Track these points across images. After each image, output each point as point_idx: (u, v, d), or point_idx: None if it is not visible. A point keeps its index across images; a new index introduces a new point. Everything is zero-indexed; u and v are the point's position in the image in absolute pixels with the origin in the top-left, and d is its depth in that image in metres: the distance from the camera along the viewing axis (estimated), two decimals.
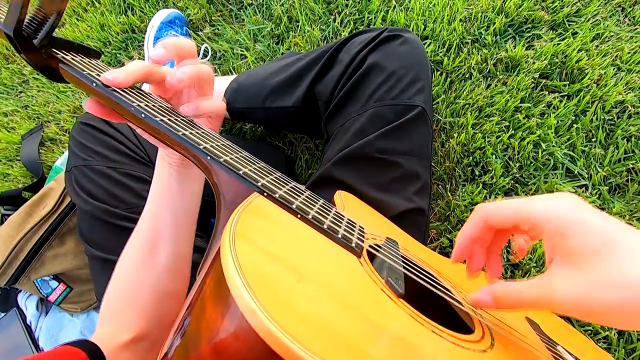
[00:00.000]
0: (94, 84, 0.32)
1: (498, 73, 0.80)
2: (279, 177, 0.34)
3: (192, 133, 0.32)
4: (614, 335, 0.64)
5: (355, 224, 0.36)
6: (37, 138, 1.00)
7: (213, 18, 0.98)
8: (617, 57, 0.78)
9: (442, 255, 0.52)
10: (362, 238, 0.33)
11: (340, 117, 0.61)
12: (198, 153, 0.30)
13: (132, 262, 0.44)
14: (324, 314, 0.19)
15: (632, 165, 0.72)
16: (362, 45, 0.60)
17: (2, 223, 0.83)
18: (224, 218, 0.29)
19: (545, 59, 0.79)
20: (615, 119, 0.75)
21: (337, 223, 0.32)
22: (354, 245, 0.30)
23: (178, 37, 0.39)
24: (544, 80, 0.79)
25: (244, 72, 0.83)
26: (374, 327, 0.21)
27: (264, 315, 0.16)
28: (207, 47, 0.93)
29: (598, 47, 0.80)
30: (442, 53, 0.83)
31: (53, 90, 1.07)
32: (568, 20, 0.82)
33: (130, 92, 0.34)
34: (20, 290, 0.82)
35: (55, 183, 0.78)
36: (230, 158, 0.31)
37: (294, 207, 0.29)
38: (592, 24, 0.81)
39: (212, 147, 0.31)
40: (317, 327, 0.18)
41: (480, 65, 0.81)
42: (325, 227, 0.29)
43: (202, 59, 0.92)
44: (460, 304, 0.34)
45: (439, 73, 0.82)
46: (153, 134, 0.33)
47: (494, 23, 0.82)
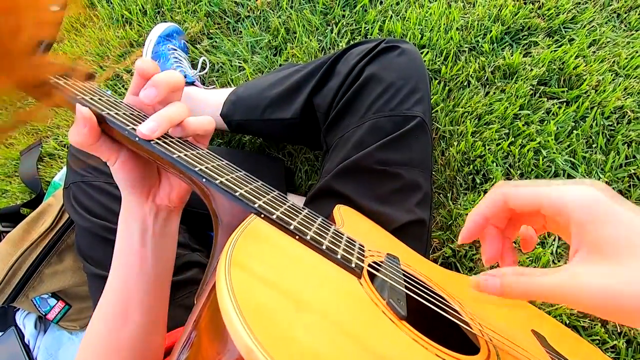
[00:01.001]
0: (80, 101, 0.31)
1: (496, 80, 0.80)
2: (276, 195, 0.34)
3: (186, 155, 0.31)
4: (623, 345, 0.63)
5: (355, 242, 0.35)
6: (35, 154, 1.00)
7: (211, 31, 0.99)
8: (614, 62, 0.78)
9: (444, 269, 0.51)
10: (362, 257, 0.32)
11: (339, 128, 0.61)
12: (194, 176, 0.29)
13: (101, 331, 0.39)
14: (324, 346, 0.19)
15: (633, 171, 0.71)
16: (359, 57, 0.60)
17: (0, 240, 0.82)
18: (222, 241, 0.29)
19: (543, 66, 0.79)
20: (615, 125, 0.75)
21: (336, 243, 0.31)
22: (354, 266, 0.29)
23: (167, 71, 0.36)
24: (543, 87, 0.79)
25: (242, 84, 0.82)
26: (376, 356, 0.21)
27: (262, 354, 0.16)
28: (204, 59, 0.93)
29: (595, 53, 0.80)
30: (439, 62, 0.83)
31: None
32: (564, 27, 0.83)
33: (127, 117, 0.33)
34: (19, 309, 0.81)
35: (54, 199, 0.77)
36: (227, 179, 0.30)
37: (292, 228, 0.28)
38: (588, 31, 0.81)
39: (207, 168, 0.31)
40: None
41: (478, 73, 0.81)
42: (324, 247, 0.29)
43: (199, 72, 0.92)
44: (465, 323, 0.34)
45: (437, 81, 0.82)
46: (146, 156, 0.32)
47: (491, 31, 0.82)
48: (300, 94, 0.65)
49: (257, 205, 0.28)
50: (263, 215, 0.28)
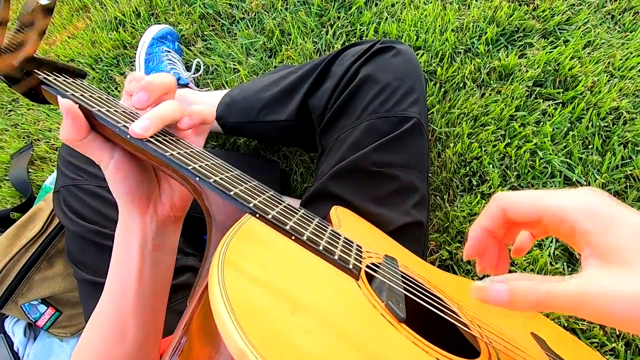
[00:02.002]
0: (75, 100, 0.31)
1: (492, 82, 0.80)
2: (272, 195, 0.33)
3: (179, 153, 0.30)
4: (621, 347, 0.62)
5: (353, 243, 0.34)
6: (26, 157, 0.98)
7: (205, 33, 0.98)
8: (609, 63, 0.79)
9: (442, 270, 0.50)
10: (359, 258, 0.32)
11: (335, 130, 0.60)
12: (186, 174, 0.29)
13: (96, 342, 0.38)
14: (320, 350, 0.18)
15: (630, 172, 0.71)
16: (354, 58, 0.59)
17: None
18: (215, 241, 0.28)
19: (538, 67, 0.79)
20: (611, 125, 0.75)
21: (333, 243, 0.30)
22: (352, 267, 0.28)
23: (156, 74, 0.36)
24: (538, 88, 0.79)
25: (237, 86, 0.82)
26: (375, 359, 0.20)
27: (255, 357, 0.15)
28: (199, 61, 0.92)
29: (590, 54, 0.80)
30: (435, 63, 0.83)
31: (43, 109, 1.05)
32: (559, 29, 0.83)
33: (119, 113, 0.33)
34: (7, 316, 0.79)
35: (44, 203, 0.76)
36: (220, 178, 0.29)
37: (288, 228, 0.28)
38: (583, 32, 0.81)
39: (200, 167, 0.30)
40: None
41: (474, 75, 0.81)
42: (321, 248, 0.28)
43: (194, 74, 0.91)
44: (464, 325, 0.33)
45: (433, 83, 0.82)
46: (139, 155, 0.31)
47: (486, 32, 0.83)
48: (295, 96, 0.64)
49: (252, 205, 0.28)
50: (258, 215, 0.27)
